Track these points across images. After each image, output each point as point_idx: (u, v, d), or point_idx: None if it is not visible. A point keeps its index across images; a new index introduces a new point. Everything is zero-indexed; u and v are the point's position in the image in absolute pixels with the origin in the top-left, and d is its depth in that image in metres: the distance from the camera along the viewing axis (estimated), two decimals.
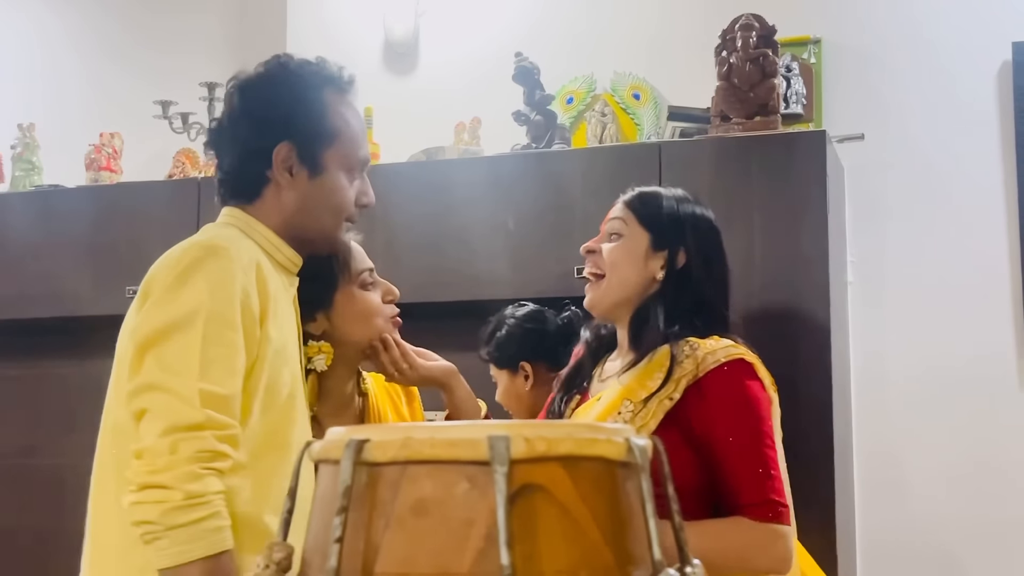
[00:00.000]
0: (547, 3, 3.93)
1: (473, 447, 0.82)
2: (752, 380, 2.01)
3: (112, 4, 4.59)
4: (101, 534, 1.82)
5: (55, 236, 3.76)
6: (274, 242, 1.90)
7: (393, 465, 0.84)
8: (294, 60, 1.96)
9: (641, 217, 2.13)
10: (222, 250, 1.77)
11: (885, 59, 3.58)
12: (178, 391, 1.66)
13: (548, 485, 0.83)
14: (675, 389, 1.99)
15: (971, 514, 3.34)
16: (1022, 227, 3.38)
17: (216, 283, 1.74)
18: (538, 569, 0.81)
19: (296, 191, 1.90)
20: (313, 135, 1.91)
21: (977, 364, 3.40)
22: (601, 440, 0.86)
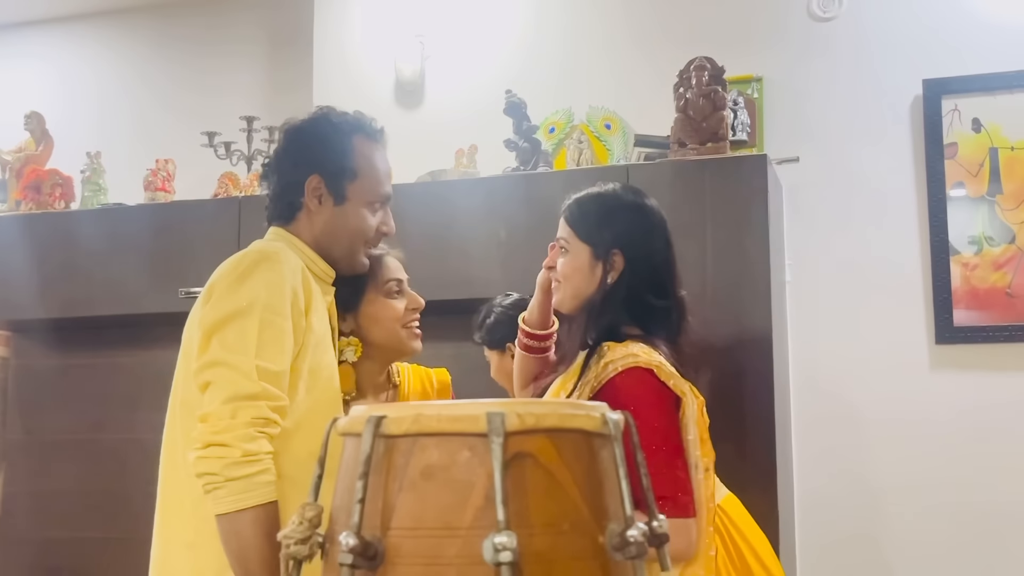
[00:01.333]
0: (533, 47, 3.92)
1: (474, 421, 0.82)
2: (648, 386, 1.90)
3: (166, 51, 4.58)
4: (174, 492, 1.84)
5: (118, 246, 3.74)
6: (311, 256, 1.94)
7: (406, 437, 0.84)
8: (335, 111, 2.01)
9: (579, 232, 2.05)
10: (274, 255, 1.82)
11: (816, 94, 3.57)
12: (238, 366, 1.70)
13: (536, 453, 0.83)
14: (582, 393, 1.92)
15: (892, 473, 3.34)
16: (932, 235, 3.38)
17: (270, 281, 1.78)
18: (528, 522, 0.81)
19: (323, 216, 1.94)
20: (339, 170, 1.94)
21: (896, 348, 3.39)
22: (580, 415, 0.86)
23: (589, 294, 2.04)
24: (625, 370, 1.90)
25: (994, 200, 3.34)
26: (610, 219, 2.05)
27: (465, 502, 0.82)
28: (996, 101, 3.37)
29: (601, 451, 0.88)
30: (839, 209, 3.50)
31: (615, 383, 1.89)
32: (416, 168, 3.60)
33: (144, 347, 3.72)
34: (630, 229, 2.04)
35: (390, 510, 0.84)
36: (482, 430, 0.82)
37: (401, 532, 0.83)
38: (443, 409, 0.85)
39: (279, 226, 1.98)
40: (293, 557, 0.88)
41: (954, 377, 3.34)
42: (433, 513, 0.83)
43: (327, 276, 1.98)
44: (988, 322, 3.31)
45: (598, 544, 0.84)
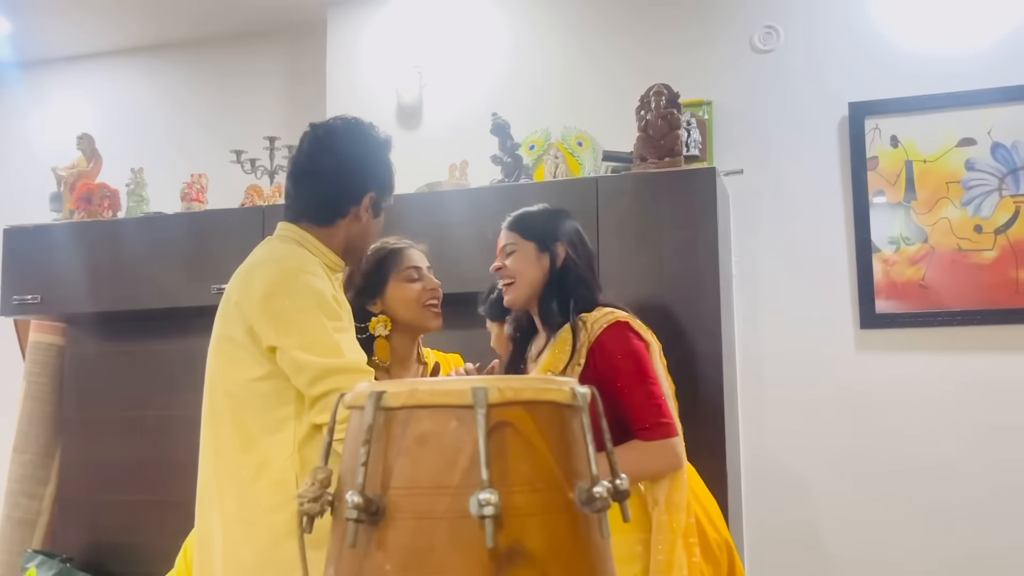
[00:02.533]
0: (515, 76, 3.92)
1: (461, 395, 0.82)
2: (628, 335, 2.05)
3: (199, 80, 4.56)
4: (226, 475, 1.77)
5: (158, 249, 3.73)
6: (321, 249, 1.89)
7: (403, 409, 0.83)
8: (364, 122, 1.94)
9: (523, 233, 2.19)
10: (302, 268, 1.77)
11: (758, 115, 3.57)
12: (349, 366, 1.68)
13: (515, 422, 0.83)
14: (580, 355, 2.03)
15: (826, 441, 3.35)
16: (857, 235, 3.38)
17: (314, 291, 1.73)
18: (508, 482, 0.81)
19: (361, 227, 1.90)
20: (387, 189, 1.94)
21: (827, 332, 3.40)
22: (553, 389, 0.86)
23: (539, 283, 2.14)
24: (608, 326, 2.04)
25: (909, 206, 3.36)
26: (547, 220, 2.21)
27: (454, 465, 0.82)
28: (911, 120, 3.37)
29: (571, 420, 0.88)
30: (778, 214, 3.51)
31: (602, 339, 2.03)
32: (415, 181, 3.60)
33: (181, 336, 3.70)
34: (563, 226, 2.20)
35: (389, 472, 0.84)
36: (468, 403, 0.82)
37: (399, 491, 0.83)
38: (435, 385, 0.84)
39: (299, 224, 1.88)
40: (307, 513, 0.88)
41: (877, 357, 3.35)
42: (426, 474, 0.83)
43: (337, 266, 1.92)
44: (905, 310, 3.32)
45: (568, 499, 0.84)
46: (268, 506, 1.67)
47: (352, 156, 1.88)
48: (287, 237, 1.89)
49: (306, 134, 1.93)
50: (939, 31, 3.42)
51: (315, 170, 1.88)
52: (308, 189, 1.89)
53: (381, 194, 1.92)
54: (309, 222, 1.89)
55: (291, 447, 1.71)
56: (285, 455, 1.70)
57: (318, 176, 1.87)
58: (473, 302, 2.86)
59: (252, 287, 1.77)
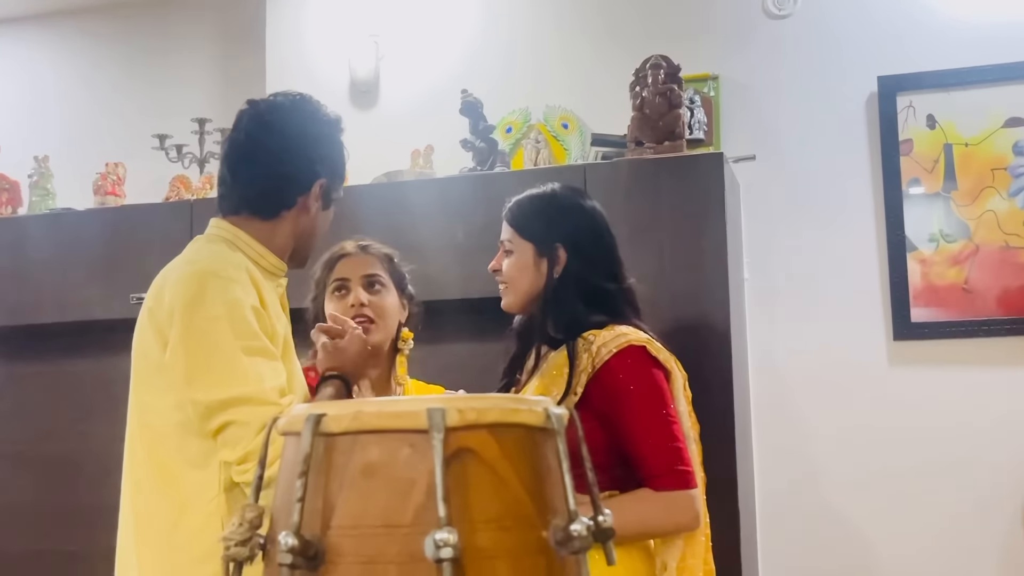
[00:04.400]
0: (488, 47, 3.93)
1: (414, 418, 0.82)
2: (644, 362, 1.99)
3: (114, 52, 4.54)
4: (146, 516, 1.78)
5: (67, 252, 3.70)
6: (259, 251, 1.88)
7: (346, 435, 0.84)
8: (312, 99, 1.95)
9: (521, 231, 2.13)
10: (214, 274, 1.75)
11: (773, 92, 3.60)
12: (252, 396, 1.65)
13: (478, 448, 0.83)
14: (577, 383, 1.97)
15: (855, 472, 3.37)
16: (889, 232, 3.42)
17: (224, 303, 1.71)
18: (470, 519, 0.81)
19: (310, 220, 1.91)
20: (338, 176, 1.95)
21: (855, 344, 3.43)
22: (523, 410, 0.86)
23: (537, 291, 2.10)
24: (620, 351, 1.97)
25: (949, 196, 3.39)
26: (550, 215, 2.13)
27: (406, 499, 0.82)
28: (950, 98, 3.41)
29: (544, 446, 0.89)
30: (796, 207, 3.53)
31: (611, 365, 1.96)
32: (371, 169, 3.59)
33: (95, 355, 3.67)
34: (570, 223, 2.12)
35: (330, 509, 0.84)
36: (422, 426, 0.82)
37: (342, 531, 0.83)
38: (383, 406, 0.85)
39: (233, 217, 1.89)
40: (233, 559, 0.87)
41: (913, 373, 3.38)
42: (374, 511, 0.83)
43: (277, 269, 1.92)
44: (945, 318, 3.35)
45: (542, 539, 0.84)
46: (191, 558, 1.66)
47: (301, 136, 1.88)
48: (217, 236, 1.88)
49: (244, 112, 1.93)
50: None
51: (257, 152, 1.87)
52: (248, 175, 1.89)
53: (332, 181, 1.93)
54: (249, 214, 1.89)
55: (216, 486, 1.69)
56: (209, 496, 1.69)
57: (261, 159, 1.87)
58: (440, 312, 2.85)
59: (163, 296, 1.77)
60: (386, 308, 2.30)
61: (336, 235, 3.17)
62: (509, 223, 2.16)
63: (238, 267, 1.79)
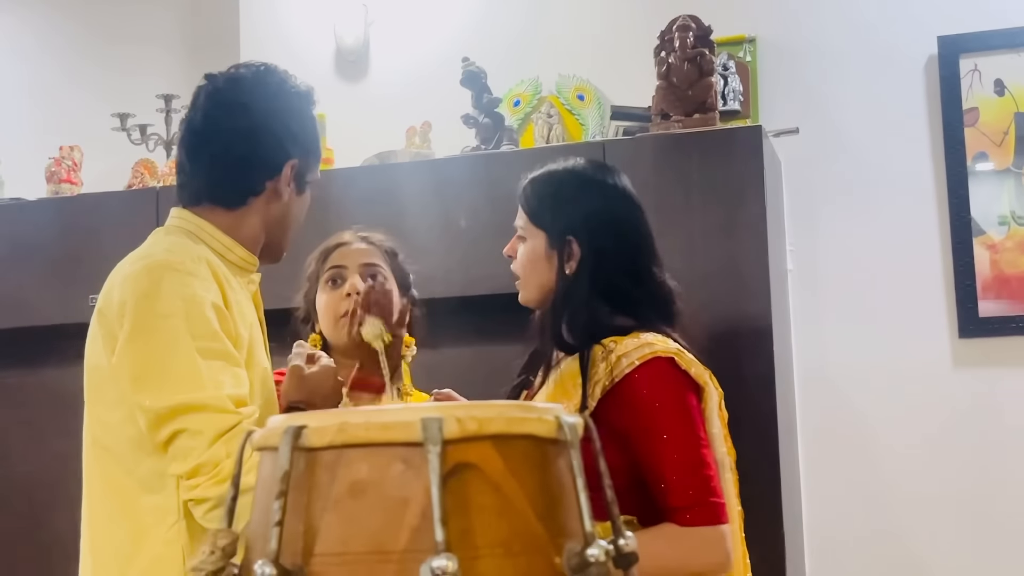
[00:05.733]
0: (493, 9, 3.93)
1: (407, 429, 0.82)
2: (671, 377, 1.94)
3: (70, 19, 4.55)
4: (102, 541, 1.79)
5: (17, 248, 3.71)
6: (226, 243, 1.88)
7: (330, 450, 0.83)
8: (278, 70, 1.94)
9: (533, 217, 2.08)
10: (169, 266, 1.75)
11: (817, 56, 3.60)
12: (205, 403, 1.64)
13: (480, 463, 0.83)
14: (591, 396, 1.93)
15: (915, 486, 3.37)
16: (952, 214, 3.41)
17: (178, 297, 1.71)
18: (472, 544, 0.81)
19: (283, 207, 1.91)
20: (313, 155, 1.95)
21: (913, 344, 3.43)
22: (531, 419, 0.86)
23: (551, 286, 2.05)
24: (643, 363, 1.92)
25: (1021, 172, 3.39)
26: (564, 201, 2.07)
27: (399, 522, 0.82)
28: (1022, 59, 3.40)
29: (557, 460, 0.88)
30: (846, 186, 3.53)
31: (633, 379, 1.91)
32: (362, 150, 3.61)
33: (49, 365, 3.68)
34: (586, 211, 2.06)
35: (313, 534, 0.84)
36: (417, 439, 0.82)
37: (326, 559, 0.83)
38: (372, 416, 0.85)
39: (194, 207, 1.89)
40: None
41: (980, 374, 3.38)
42: (363, 536, 0.83)
43: (248, 264, 1.92)
44: (1017, 312, 3.35)
45: (554, 566, 0.84)
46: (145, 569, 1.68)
47: (266, 113, 1.88)
48: (177, 227, 1.88)
49: (201, 88, 1.93)
50: None
51: (217, 134, 1.87)
52: (208, 160, 1.89)
53: (305, 162, 1.93)
54: (212, 204, 1.89)
55: (175, 512, 1.69)
56: (168, 522, 1.69)
57: (221, 141, 1.87)
58: (439, 310, 2.85)
59: (113, 295, 1.77)
60: None
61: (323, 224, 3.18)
62: (522, 206, 2.11)
63: (198, 260, 1.78)
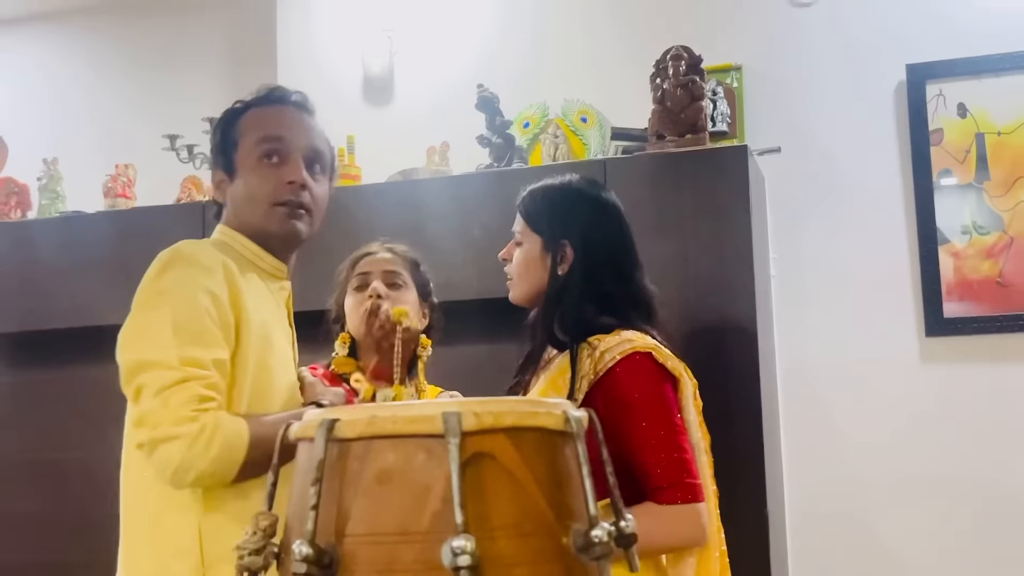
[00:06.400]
0: (505, 39, 3.94)
1: (430, 422, 0.83)
2: (649, 370, 1.95)
3: (124, 51, 4.57)
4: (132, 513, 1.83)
5: (77, 256, 3.72)
6: (256, 252, 1.91)
7: (360, 440, 0.84)
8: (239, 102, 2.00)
9: (531, 222, 2.12)
10: (186, 255, 1.79)
11: (798, 82, 3.59)
12: (160, 361, 1.67)
13: (495, 453, 0.83)
14: (578, 389, 1.95)
15: (887, 472, 3.36)
16: (920, 224, 3.40)
17: (179, 280, 1.75)
18: (488, 526, 0.81)
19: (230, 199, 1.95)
20: (223, 148, 1.96)
21: (886, 341, 3.42)
22: (541, 413, 0.87)
23: (542, 287, 2.08)
24: (624, 357, 1.94)
25: (982, 187, 3.37)
26: (560, 209, 2.10)
27: (422, 506, 0.83)
28: (982, 85, 3.39)
29: (564, 450, 0.89)
30: (823, 200, 3.53)
31: (615, 372, 1.93)
32: (387, 167, 3.61)
33: (106, 361, 3.66)
34: (580, 218, 2.09)
35: (345, 516, 0.84)
36: (438, 431, 0.83)
37: (357, 539, 0.84)
38: (398, 410, 0.85)
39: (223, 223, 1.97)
40: (248, 568, 0.88)
41: (946, 370, 3.37)
42: (389, 518, 0.83)
43: (277, 271, 1.95)
44: (979, 313, 3.34)
45: (562, 546, 0.85)
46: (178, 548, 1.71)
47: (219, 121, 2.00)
48: (215, 239, 1.94)
49: None
50: None
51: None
52: None
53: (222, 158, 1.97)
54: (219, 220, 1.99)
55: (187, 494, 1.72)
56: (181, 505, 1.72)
57: None
58: (457, 313, 2.85)
59: None
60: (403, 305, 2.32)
61: (352, 234, 3.20)
62: (521, 213, 2.15)
63: (212, 257, 1.80)
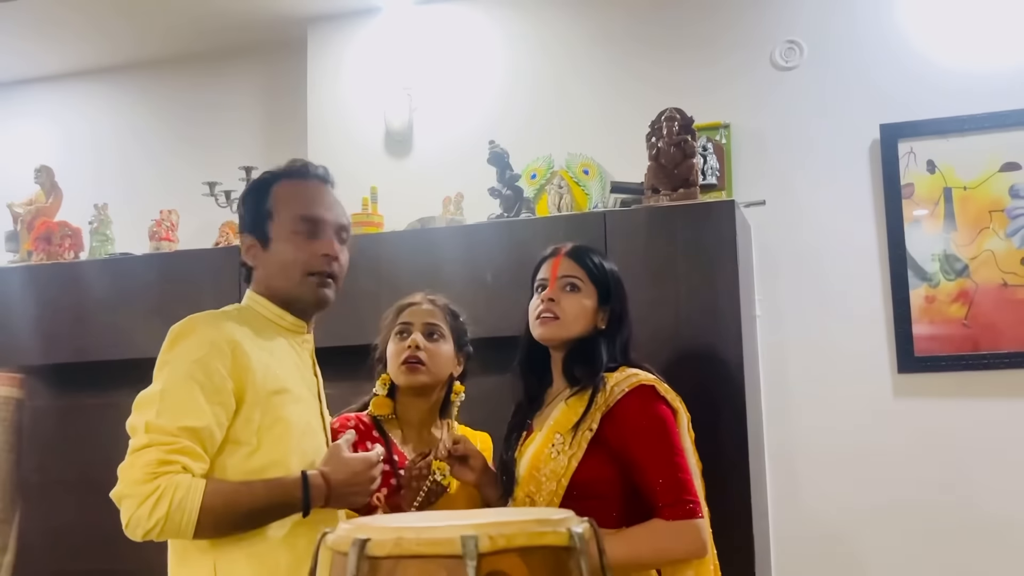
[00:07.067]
0: (514, 97, 3.96)
1: (450, 544, 0.85)
2: (654, 400, 2.05)
3: (168, 106, 4.60)
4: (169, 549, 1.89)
5: (125, 294, 3.74)
6: (278, 312, 1.98)
7: (388, 559, 0.86)
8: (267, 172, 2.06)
9: (592, 275, 2.20)
10: (193, 328, 1.87)
11: (782, 139, 3.61)
12: (137, 426, 1.77)
13: (509, 571, 0.86)
14: (593, 421, 2.03)
15: (865, 499, 3.37)
16: (892, 270, 3.42)
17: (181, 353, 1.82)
18: None
19: (261, 266, 1.99)
20: (257, 219, 1.99)
21: (861, 376, 3.43)
22: (548, 532, 0.89)
23: (582, 334, 2.17)
24: (631, 390, 2.04)
25: (949, 237, 3.38)
26: (609, 270, 2.24)
27: None
28: (949, 144, 3.41)
29: (568, 563, 0.91)
30: (804, 247, 3.54)
31: (623, 403, 2.03)
32: (406, 215, 3.63)
33: None
34: (620, 282, 2.24)
35: None
36: (457, 552, 0.85)
37: None
38: (421, 532, 0.87)
39: (251, 289, 2.02)
40: None
41: (917, 404, 3.37)
42: None
43: (298, 328, 2.01)
44: (947, 352, 3.35)
45: None
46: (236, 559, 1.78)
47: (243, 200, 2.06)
48: (240, 304, 2.01)
49: None
50: (978, 45, 3.45)
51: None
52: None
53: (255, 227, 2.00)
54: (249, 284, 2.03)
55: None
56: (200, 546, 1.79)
57: None
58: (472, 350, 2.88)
59: None
60: (439, 356, 2.35)
61: (375, 277, 3.24)
62: (578, 261, 2.21)
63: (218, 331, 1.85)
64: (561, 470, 2.04)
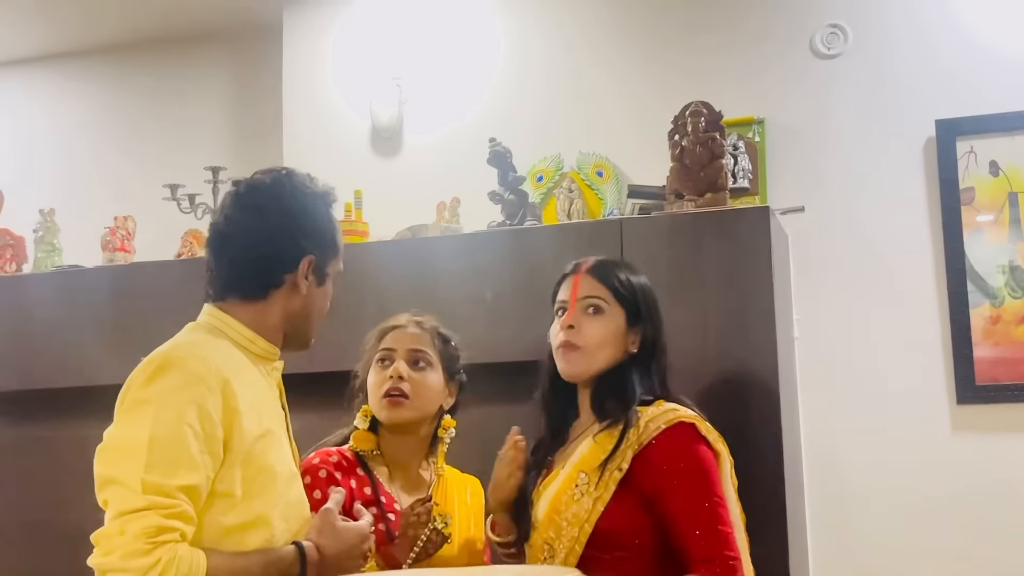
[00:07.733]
0: (518, 89, 3.93)
1: None
2: (695, 441, 2.01)
3: (124, 96, 4.59)
4: None
5: (75, 312, 3.71)
6: (248, 336, 1.92)
7: None
8: (298, 174, 2.00)
9: (617, 295, 2.14)
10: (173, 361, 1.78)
11: (823, 136, 3.58)
12: (125, 482, 1.69)
13: None
14: (623, 460, 1.99)
15: (918, 547, 3.33)
16: (950, 287, 3.38)
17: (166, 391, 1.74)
18: None
19: (303, 299, 1.94)
20: (330, 250, 1.98)
21: (915, 408, 3.39)
22: None
23: (609, 363, 2.11)
24: (668, 427, 1.99)
25: (1015, 248, 3.35)
26: (636, 288, 2.17)
27: None
28: (1015, 142, 3.38)
29: None
30: (849, 260, 3.51)
31: (659, 442, 1.98)
32: (395, 223, 3.60)
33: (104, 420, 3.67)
34: (652, 298, 2.19)
35: None
36: None
37: None
38: None
39: (220, 303, 1.94)
40: None
41: (979, 440, 3.34)
42: None
43: (268, 354, 1.96)
44: (1014, 379, 3.31)
45: None
46: None
47: (281, 213, 1.93)
48: (204, 323, 1.93)
49: (227, 193, 2.00)
50: None
51: (237, 234, 1.93)
52: (229, 258, 1.94)
53: (323, 256, 1.96)
54: (235, 298, 1.93)
55: None
56: None
57: (241, 241, 1.92)
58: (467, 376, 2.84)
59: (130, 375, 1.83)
60: (425, 387, 2.32)
61: (357, 295, 3.19)
62: (600, 280, 2.16)
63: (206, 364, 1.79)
64: (584, 514, 2.00)
